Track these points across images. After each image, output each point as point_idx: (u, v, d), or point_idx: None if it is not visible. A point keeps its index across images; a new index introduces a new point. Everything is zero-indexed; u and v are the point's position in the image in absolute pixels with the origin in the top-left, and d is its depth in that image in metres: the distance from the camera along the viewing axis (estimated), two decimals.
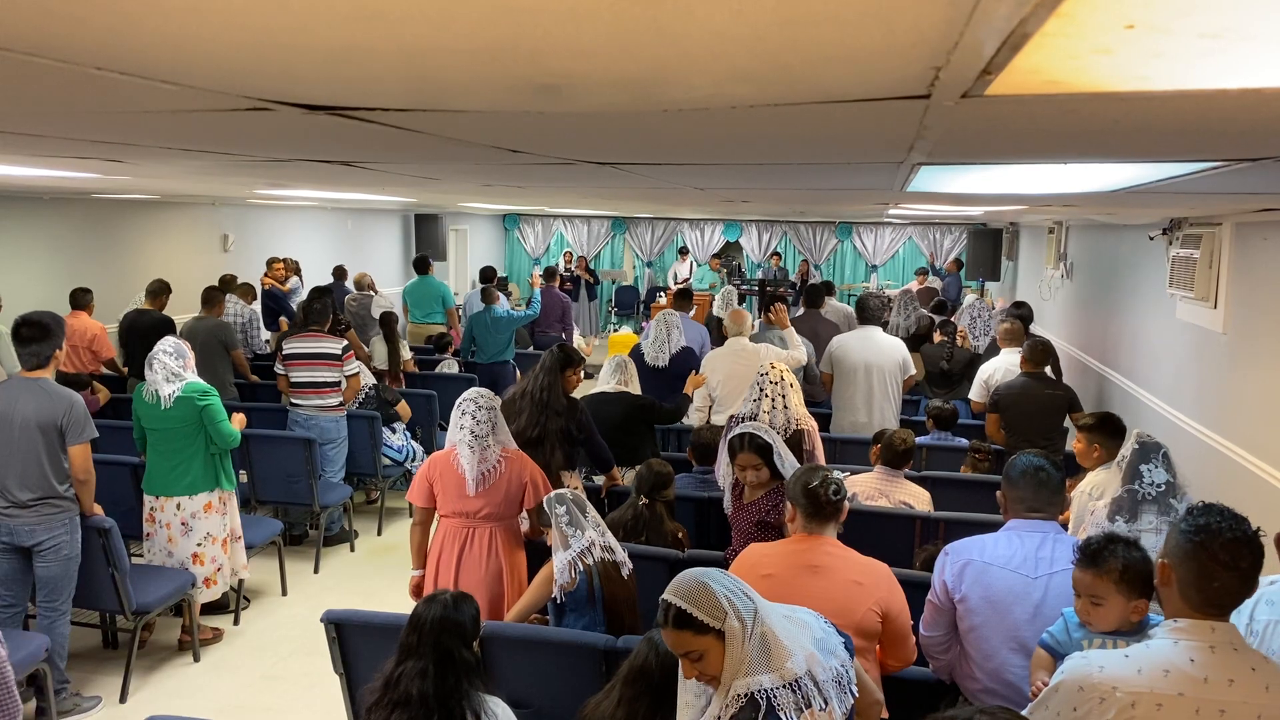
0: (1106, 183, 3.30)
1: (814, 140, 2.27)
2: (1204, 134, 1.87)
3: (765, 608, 2.04)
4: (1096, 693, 1.93)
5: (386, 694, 2.49)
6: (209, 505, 4.90)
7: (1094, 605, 2.45)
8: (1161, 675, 1.90)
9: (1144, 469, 3.38)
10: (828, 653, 2.08)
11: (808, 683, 1.97)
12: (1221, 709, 1.86)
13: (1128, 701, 1.89)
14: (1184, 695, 1.87)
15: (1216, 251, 5.04)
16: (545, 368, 4.69)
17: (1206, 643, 1.91)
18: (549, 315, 10.17)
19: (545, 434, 4.60)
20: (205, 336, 7.17)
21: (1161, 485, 3.35)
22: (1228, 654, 1.91)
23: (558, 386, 4.68)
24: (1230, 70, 1.21)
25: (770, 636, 1.98)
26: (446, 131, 2.22)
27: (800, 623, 2.13)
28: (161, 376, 4.76)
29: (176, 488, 4.84)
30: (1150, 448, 3.42)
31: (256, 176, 4.82)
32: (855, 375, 6.46)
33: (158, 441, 4.84)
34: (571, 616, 3.48)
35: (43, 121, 2.31)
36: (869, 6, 0.88)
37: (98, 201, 8.72)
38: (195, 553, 4.87)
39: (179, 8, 0.92)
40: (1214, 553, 1.93)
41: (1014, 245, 12.42)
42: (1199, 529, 1.97)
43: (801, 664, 1.99)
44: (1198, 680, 1.88)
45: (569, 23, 0.93)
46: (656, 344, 6.30)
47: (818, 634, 2.13)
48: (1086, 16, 0.92)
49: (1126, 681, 1.91)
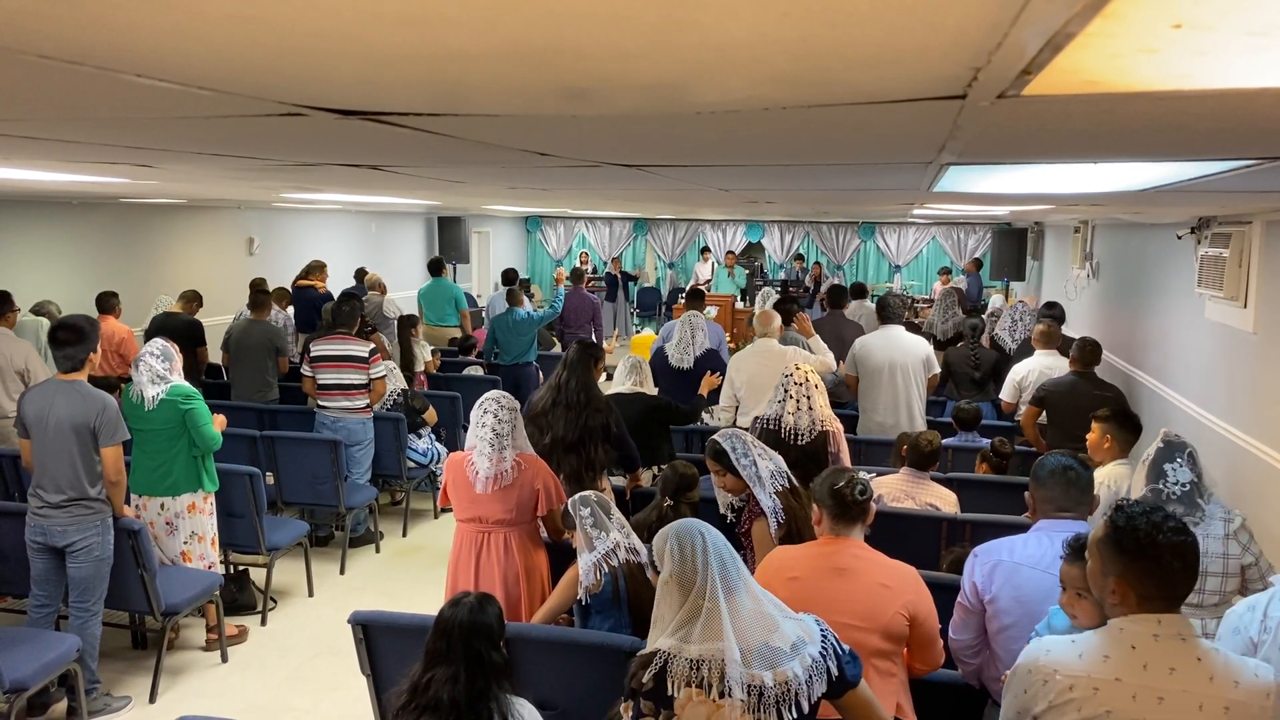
0: (1136, 181, 3.27)
1: (844, 141, 2.27)
2: (1240, 132, 1.85)
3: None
4: (1040, 675, 2.00)
5: (414, 699, 2.48)
6: (192, 506, 4.89)
7: (1079, 598, 2.46)
8: (1101, 660, 1.95)
9: (1168, 468, 3.34)
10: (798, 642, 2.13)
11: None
12: (1160, 696, 1.89)
13: (1066, 684, 1.95)
14: (1121, 680, 1.91)
15: (1246, 250, 4.99)
16: (570, 366, 4.60)
17: (1150, 632, 1.95)
18: (579, 317, 10.13)
19: (588, 433, 4.50)
20: (260, 340, 7.28)
21: (1186, 485, 3.31)
22: (1173, 644, 1.93)
23: (591, 382, 4.60)
24: (1273, 68, 1.20)
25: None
26: (477, 135, 2.23)
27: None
28: (147, 378, 4.74)
29: (159, 488, 4.83)
30: (1176, 446, 3.38)
31: (284, 180, 4.85)
32: (880, 376, 6.41)
33: (142, 442, 4.83)
34: (597, 618, 3.48)
35: (78, 128, 2.34)
36: (916, 7, 0.87)
37: (125, 206, 8.81)
38: (184, 551, 4.88)
39: (228, 16, 0.93)
40: (1157, 566, 1.95)
41: (1039, 244, 12.33)
42: (1137, 532, 1.98)
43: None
44: (1136, 667, 1.91)
45: (612, 26, 0.93)
46: (681, 345, 6.30)
47: (802, 631, 2.17)
48: (1134, 16, 0.92)
49: (1067, 665, 1.97)
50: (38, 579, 4.31)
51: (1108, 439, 4.15)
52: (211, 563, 4.98)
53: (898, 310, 6.69)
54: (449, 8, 0.89)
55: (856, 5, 0.86)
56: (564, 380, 4.59)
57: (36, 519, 4.22)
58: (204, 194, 7.00)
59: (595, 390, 4.62)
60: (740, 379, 5.91)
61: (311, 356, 6.49)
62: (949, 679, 3.03)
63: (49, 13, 1.00)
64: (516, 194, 6.61)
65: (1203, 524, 3.28)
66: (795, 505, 3.57)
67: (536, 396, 4.74)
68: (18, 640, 4.00)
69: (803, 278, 15.40)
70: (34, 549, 4.26)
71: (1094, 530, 2.10)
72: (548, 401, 4.57)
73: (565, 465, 4.43)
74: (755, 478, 3.56)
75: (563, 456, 4.44)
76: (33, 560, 4.29)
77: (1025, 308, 9.10)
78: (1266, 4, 0.89)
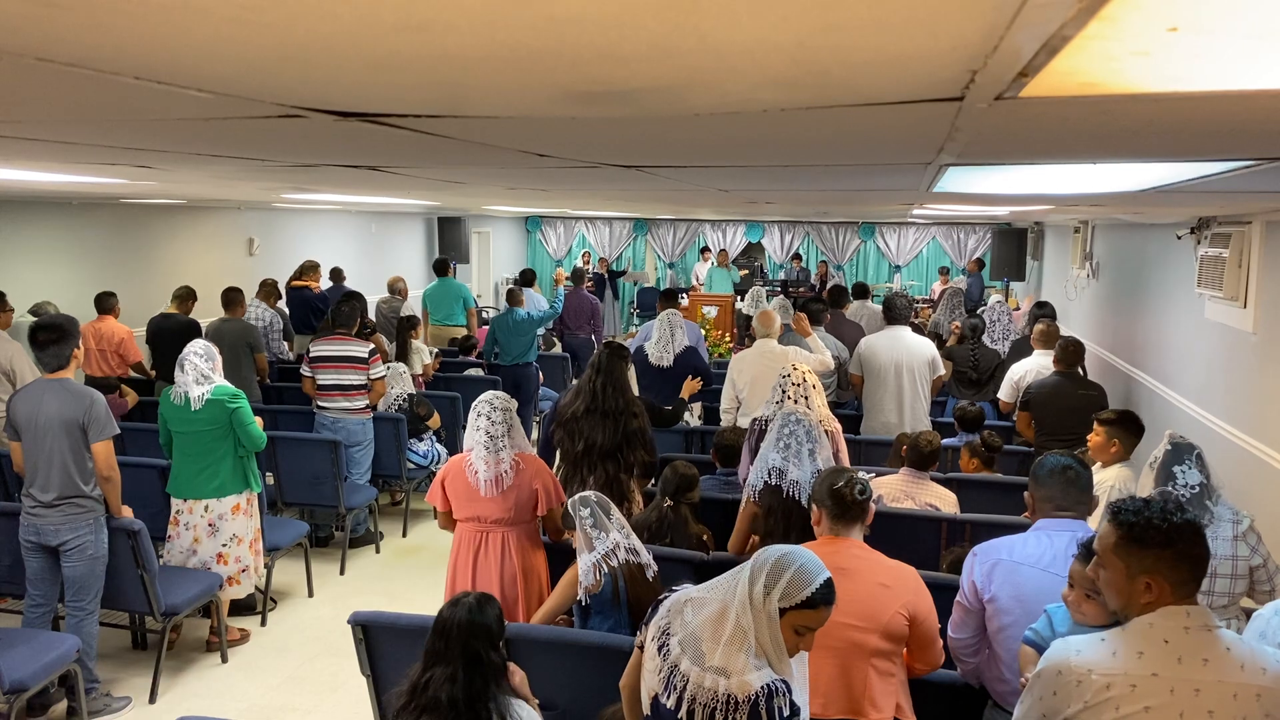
0: (1135, 182, 3.27)
1: (843, 142, 2.27)
2: (1238, 133, 1.86)
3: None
4: (1074, 675, 1.97)
5: (414, 699, 2.48)
6: (236, 507, 4.92)
7: (1088, 599, 2.46)
8: (1136, 657, 1.94)
9: (1177, 470, 3.34)
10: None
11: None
12: (1196, 688, 1.89)
13: (1103, 684, 1.94)
14: (1158, 675, 1.91)
15: (1246, 250, 4.99)
16: (603, 371, 4.49)
17: (1180, 625, 1.94)
18: (579, 316, 10.15)
19: (627, 438, 4.39)
20: (233, 339, 7.24)
21: (1196, 487, 3.31)
22: (1202, 635, 1.94)
23: (626, 385, 4.52)
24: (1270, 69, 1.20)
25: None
26: (477, 137, 2.23)
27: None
28: (192, 378, 4.78)
29: (205, 490, 4.85)
30: (1184, 448, 3.38)
31: (283, 181, 4.85)
32: (886, 376, 6.43)
33: (185, 444, 4.85)
34: (597, 618, 3.49)
35: (77, 129, 2.34)
36: (913, 11, 0.88)
37: (124, 206, 8.81)
38: (220, 553, 4.89)
39: (228, 19, 0.93)
40: (1185, 549, 1.97)
41: (1039, 245, 12.34)
42: (1152, 523, 2.00)
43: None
44: (1171, 660, 1.91)
45: (613, 31, 0.93)
46: (660, 344, 6.33)
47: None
48: (1129, 19, 0.92)
49: (1101, 664, 1.96)
50: (33, 579, 4.31)
51: (1115, 444, 4.08)
52: (246, 566, 4.99)
53: (904, 311, 6.70)
54: (449, 11, 0.89)
55: (854, 9, 0.86)
56: (598, 385, 4.48)
57: (30, 518, 4.22)
58: (204, 194, 7.00)
59: (630, 393, 4.57)
60: (743, 380, 5.91)
61: (311, 357, 6.50)
62: (949, 679, 3.03)
63: (48, 16, 1.00)
64: (516, 194, 6.62)
65: (1212, 526, 3.28)
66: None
67: (564, 402, 4.63)
68: (17, 640, 4.00)
69: (804, 277, 15.40)
70: (27, 548, 4.27)
71: (1102, 538, 2.09)
72: (579, 409, 4.47)
73: (601, 471, 4.37)
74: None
75: (598, 462, 4.39)
76: (27, 560, 4.30)
77: (1004, 307, 9.09)
78: (1262, 7, 0.90)
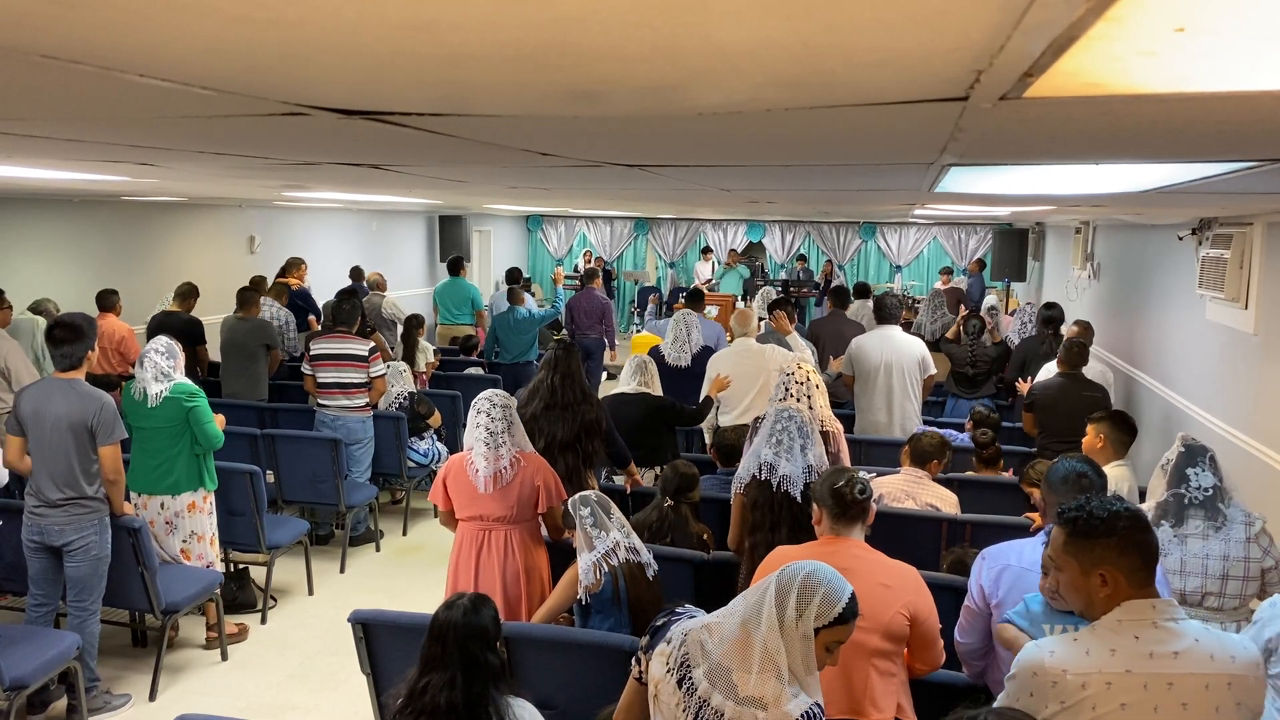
0: (1138, 183, 3.27)
1: (845, 142, 2.27)
2: (1242, 134, 1.85)
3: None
4: (1049, 676, 1.98)
5: (412, 703, 2.47)
6: (192, 505, 4.86)
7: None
8: (1109, 654, 1.95)
9: (1190, 472, 3.36)
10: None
11: None
12: (1169, 681, 1.90)
13: (1078, 683, 1.94)
14: (1131, 672, 1.92)
15: (1248, 251, 4.99)
16: (554, 367, 4.55)
17: (1149, 619, 1.96)
18: (589, 316, 10.12)
19: (584, 428, 4.47)
20: (246, 337, 7.26)
21: (1209, 489, 3.32)
22: (1170, 628, 1.96)
23: (580, 376, 4.57)
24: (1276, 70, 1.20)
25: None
26: (479, 135, 2.23)
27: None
28: (151, 375, 4.71)
29: (160, 486, 4.80)
30: (1196, 451, 3.40)
31: (285, 178, 4.85)
32: (875, 375, 6.43)
33: (143, 440, 4.80)
34: (597, 618, 3.48)
35: (81, 127, 2.34)
36: (918, 11, 0.87)
37: (126, 204, 8.81)
38: (182, 549, 4.86)
39: (234, 18, 0.93)
40: (1129, 535, 2.00)
41: (1040, 245, 12.33)
42: (1094, 517, 2.02)
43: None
44: (1143, 656, 1.92)
45: (616, 29, 0.93)
46: (677, 344, 6.32)
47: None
48: (1136, 19, 0.92)
49: (1076, 664, 1.97)
50: (35, 578, 4.30)
51: (1101, 439, 4.18)
52: (210, 561, 4.97)
53: (894, 310, 6.70)
54: (453, 10, 0.89)
55: (859, 9, 0.86)
56: (553, 383, 4.53)
57: (34, 518, 4.21)
58: (205, 192, 7.00)
59: (586, 384, 4.61)
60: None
61: (311, 355, 6.50)
62: (949, 679, 3.03)
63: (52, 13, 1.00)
64: (518, 193, 6.61)
65: (1224, 528, 3.29)
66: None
67: (519, 403, 4.61)
68: (17, 638, 3.99)
69: (807, 278, 15.40)
70: (31, 548, 4.25)
71: (1053, 541, 2.11)
72: (538, 408, 4.52)
73: (562, 463, 4.40)
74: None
75: (559, 455, 4.42)
76: (30, 559, 4.28)
77: (1033, 310, 9.20)
78: (1269, 7, 0.90)
